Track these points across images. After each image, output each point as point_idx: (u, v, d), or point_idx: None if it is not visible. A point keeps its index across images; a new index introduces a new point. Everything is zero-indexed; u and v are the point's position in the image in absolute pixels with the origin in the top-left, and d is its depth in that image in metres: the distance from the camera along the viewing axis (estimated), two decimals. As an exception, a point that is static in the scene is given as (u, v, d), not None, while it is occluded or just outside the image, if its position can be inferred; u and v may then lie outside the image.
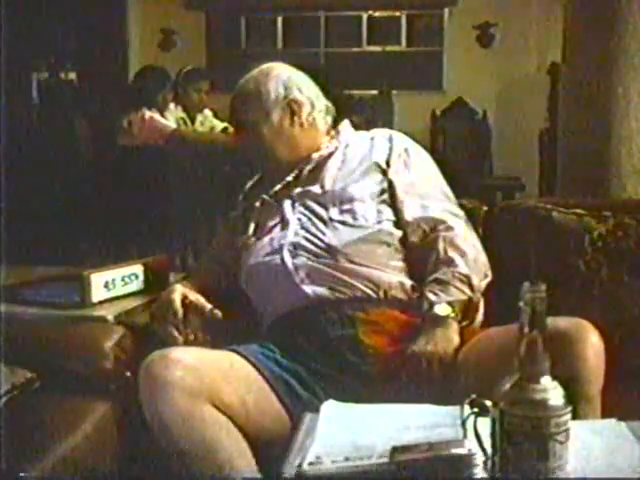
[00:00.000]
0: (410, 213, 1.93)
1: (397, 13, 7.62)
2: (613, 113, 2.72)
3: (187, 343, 1.87)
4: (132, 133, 4.67)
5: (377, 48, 7.61)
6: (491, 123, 6.94)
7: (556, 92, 4.62)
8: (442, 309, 1.78)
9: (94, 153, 4.86)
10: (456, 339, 1.75)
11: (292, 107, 2.01)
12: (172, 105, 5.02)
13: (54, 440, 1.63)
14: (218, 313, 1.92)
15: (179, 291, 1.94)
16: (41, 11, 6.07)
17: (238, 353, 1.78)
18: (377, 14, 7.66)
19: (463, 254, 1.85)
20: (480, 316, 1.87)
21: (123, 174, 4.44)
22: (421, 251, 1.90)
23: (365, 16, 7.64)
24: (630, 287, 2.04)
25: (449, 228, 1.89)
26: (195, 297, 1.94)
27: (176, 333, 1.89)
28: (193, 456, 1.59)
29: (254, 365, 1.76)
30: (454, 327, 1.77)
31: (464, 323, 1.80)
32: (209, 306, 1.93)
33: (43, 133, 4.99)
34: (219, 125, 5.26)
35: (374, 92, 6.87)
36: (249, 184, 2.18)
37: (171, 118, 4.93)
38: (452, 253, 1.85)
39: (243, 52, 7.68)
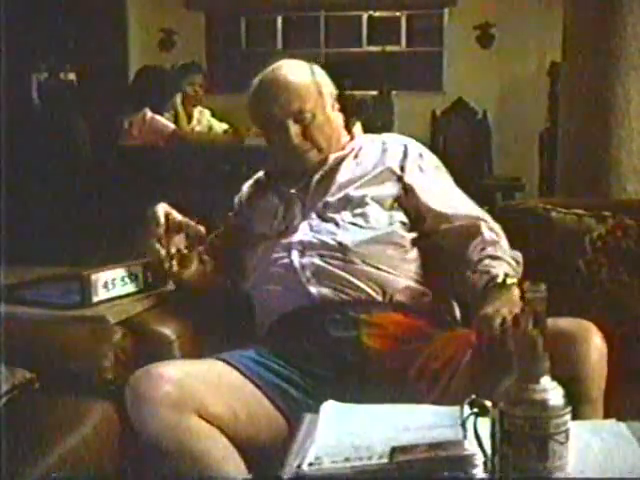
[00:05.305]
0: (443, 210, 1.92)
1: (397, 13, 7.63)
2: (613, 113, 2.72)
3: (170, 257, 1.90)
4: (132, 133, 4.67)
5: (377, 48, 7.61)
6: (491, 123, 6.94)
7: (556, 92, 4.62)
8: (507, 278, 1.72)
9: (94, 153, 4.85)
10: (519, 302, 1.64)
11: (333, 101, 2.01)
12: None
13: (54, 440, 1.63)
14: (201, 229, 1.94)
15: (162, 206, 1.95)
16: (41, 11, 6.06)
17: (226, 362, 1.78)
18: (377, 14, 7.67)
19: (503, 239, 1.87)
20: None
21: (123, 174, 4.44)
22: (434, 256, 1.91)
23: (365, 16, 7.65)
24: (630, 287, 2.04)
25: (485, 219, 1.90)
26: (179, 215, 1.95)
27: (157, 245, 1.91)
28: (183, 468, 1.60)
29: (243, 373, 1.76)
30: (516, 292, 1.69)
31: None
32: (192, 222, 1.94)
33: (43, 133, 4.98)
34: (217, 124, 5.26)
35: (374, 92, 6.87)
36: (248, 184, 2.16)
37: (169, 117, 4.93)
38: (495, 237, 1.86)
39: (243, 52, 7.69)
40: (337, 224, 1.92)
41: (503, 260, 1.80)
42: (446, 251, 1.92)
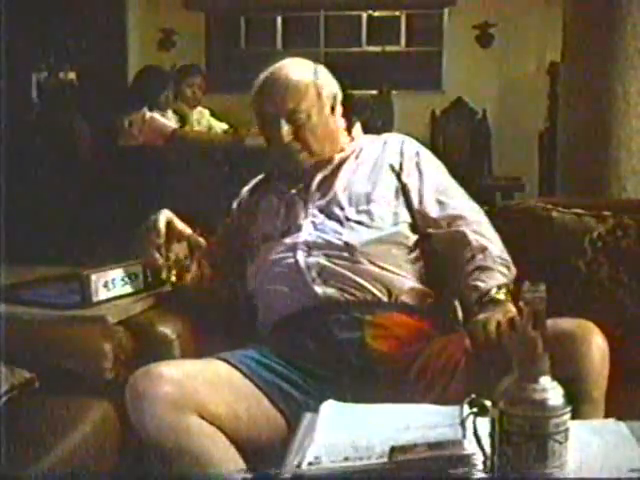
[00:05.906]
0: (430, 211, 1.93)
1: (397, 13, 7.62)
2: (613, 113, 2.72)
3: (168, 267, 1.90)
4: (132, 133, 4.67)
5: (377, 48, 7.61)
6: (491, 123, 6.94)
7: (556, 92, 4.63)
8: (499, 293, 1.75)
9: (94, 153, 4.85)
10: (513, 310, 1.67)
11: (334, 104, 2.00)
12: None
13: (54, 440, 1.63)
14: (201, 241, 1.94)
15: (165, 213, 1.95)
16: (41, 11, 6.06)
17: (226, 361, 1.78)
18: (377, 14, 7.66)
19: (493, 241, 1.87)
20: None
21: (123, 174, 4.44)
22: (437, 255, 1.90)
23: (365, 16, 7.64)
24: (630, 287, 2.04)
25: (471, 220, 1.90)
26: (180, 224, 1.95)
27: (157, 255, 1.91)
28: (183, 467, 1.60)
29: (243, 372, 1.76)
30: (509, 303, 1.72)
31: None
32: (193, 234, 1.94)
33: (43, 133, 4.99)
34: (217, 124, 5.27)
35: (374, 92, 6.87)
36: (247, 187, 2.16)
37: (171, 117, 4.93)
38: (484, 241, 1.86)
39: (243, 52, 7.69)
40: (341, 223, 1.92)
41: (493, 270, 1.80)
42: (438, 255, 1.93)
